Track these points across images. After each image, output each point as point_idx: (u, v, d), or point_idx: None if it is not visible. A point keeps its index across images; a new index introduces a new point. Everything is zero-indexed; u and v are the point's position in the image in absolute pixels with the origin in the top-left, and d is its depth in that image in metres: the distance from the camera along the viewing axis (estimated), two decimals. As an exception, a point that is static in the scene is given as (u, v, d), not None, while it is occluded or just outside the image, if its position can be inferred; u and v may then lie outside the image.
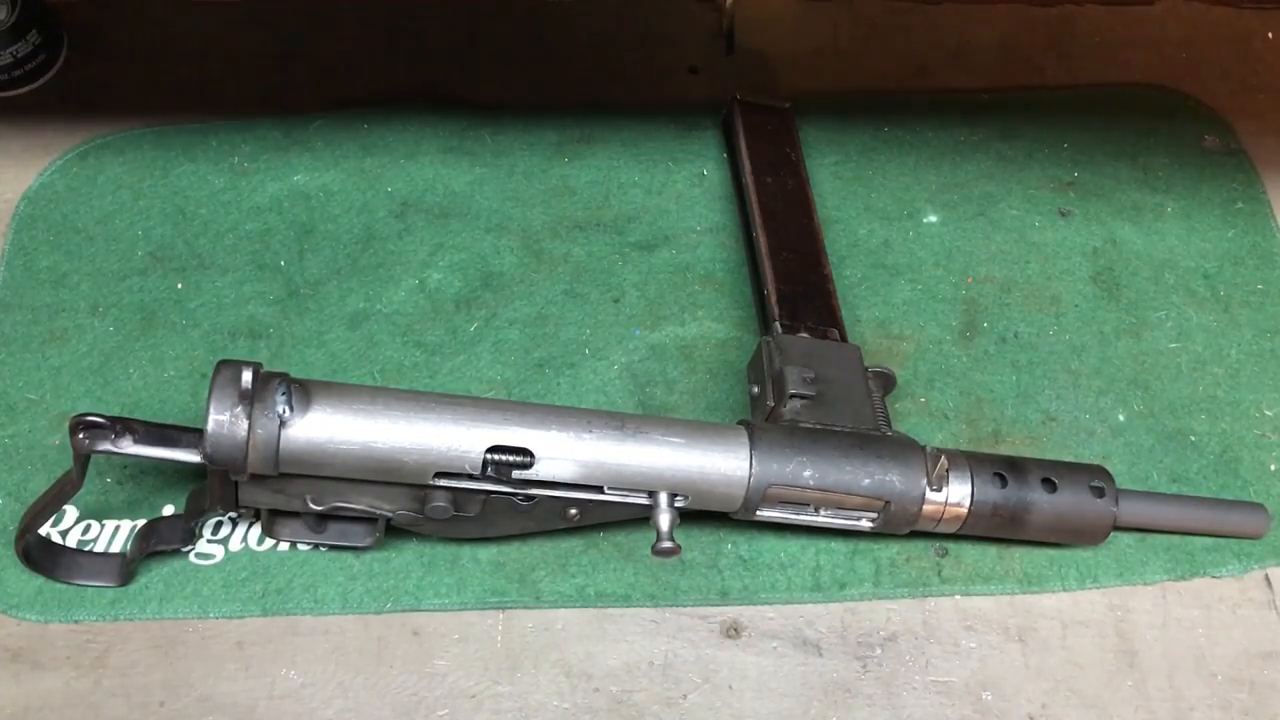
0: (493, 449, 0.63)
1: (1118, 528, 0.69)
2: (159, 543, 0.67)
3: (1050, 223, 0.85)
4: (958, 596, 0.70)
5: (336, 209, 0.84)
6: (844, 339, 0.73)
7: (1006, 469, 0.68)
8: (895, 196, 0.86)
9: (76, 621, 0.67)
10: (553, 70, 0.92)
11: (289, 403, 0.61)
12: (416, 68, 0.92)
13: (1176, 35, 0.93)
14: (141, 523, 0.69)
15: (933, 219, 0.85)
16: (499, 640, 0.68)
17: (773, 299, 0.74)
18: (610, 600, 0.69)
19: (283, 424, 0.60)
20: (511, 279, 0.81)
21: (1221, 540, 0.72)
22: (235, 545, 0.70)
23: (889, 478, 0.66)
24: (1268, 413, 0.77)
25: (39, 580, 0.68)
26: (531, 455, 0.63)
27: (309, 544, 0.69)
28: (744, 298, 0.80)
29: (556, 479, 0.64)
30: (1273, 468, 0.75)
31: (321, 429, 0.61)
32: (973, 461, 0.68)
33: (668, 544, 0.63)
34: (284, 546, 0.70)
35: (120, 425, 0.61)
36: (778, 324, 0.73)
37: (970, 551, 0.71)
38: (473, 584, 0.69)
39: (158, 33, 0.92)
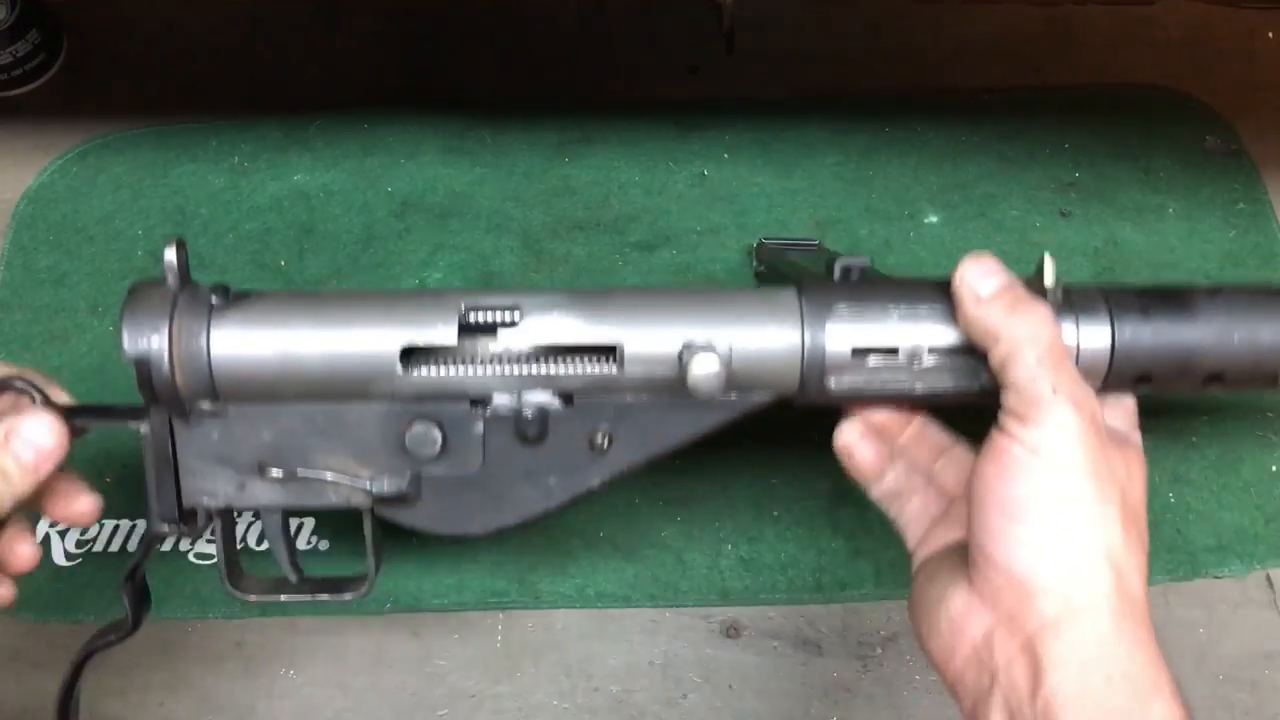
0: (470, 310, 0.51)
1: None
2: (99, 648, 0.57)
3: (1051, 223, 0.85)
4: (958, 597, 0.70)
5: (337, 209, 0.83)
6: None
7: (1146, 289, 0.53)
8: (896, 197, 0.86)
9: (76, 621, 0.67)
10: (553, 70, 0.92)
11: (223, 294, 0.51)
12: (416, 68, 0.92)
13: (1178, 35, 0.93)
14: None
15: (933, 219, 0.85)
16: (499, 640, 0.68)
17: None
18: (610, 600, 0.69)
19: (214, 313, 0.50)
20: (511, 279, 0.81)
21: (1223, 541, 0.72)
22: (237, 531, 0.70)
23: None
24: (1269, 414, 0.77)
25: (38, 580, 0.68)
26: (519, 312, 0.51)
27: (290, 599, 0.58)
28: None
29: (552, 342, 0.51)
30: (1274, 469, 0.75)
31: (262, 317, 0.50)
32: (1102, 288, 0.54)
33: (712, 363, 0.49)
34: (284, 546, 0.69)
35: (45, 401, 0.53)
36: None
37: (971, 552, 0.71)
38: (473, 584, 0.69)
39: (158, 32, 0.92)
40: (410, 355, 0.51)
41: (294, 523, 0.70)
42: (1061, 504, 0.45)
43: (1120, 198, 0.86)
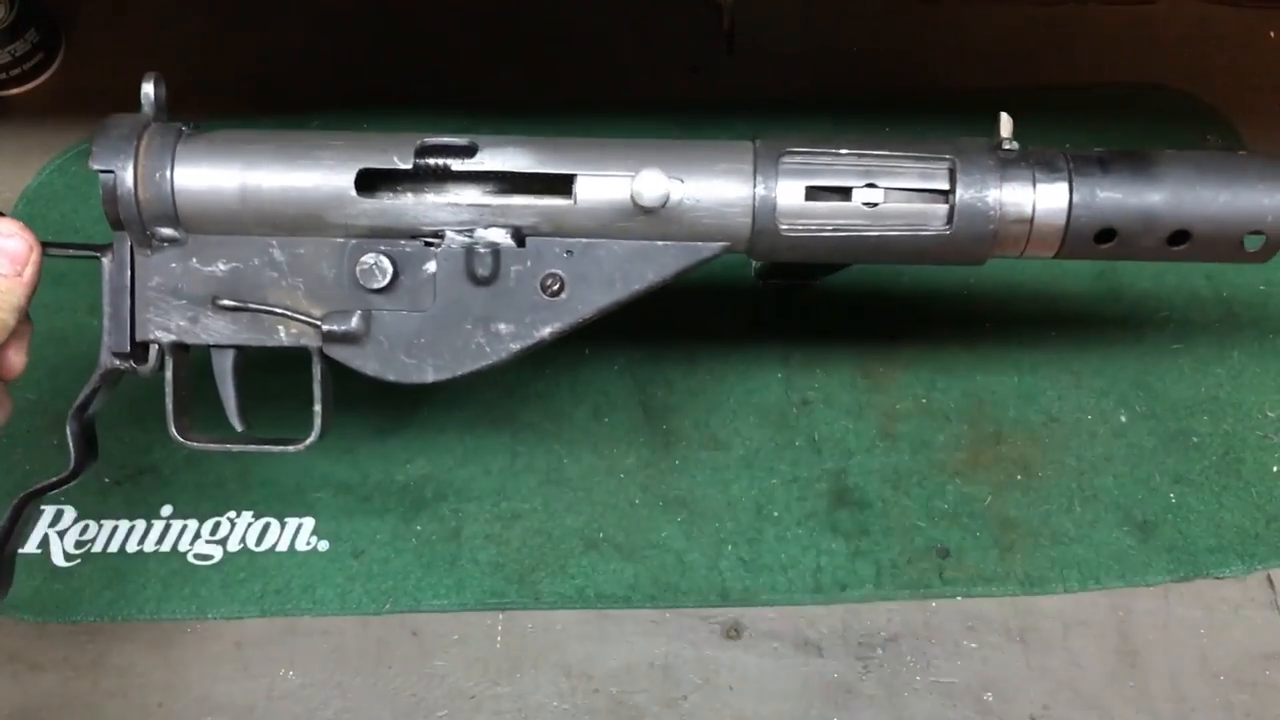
0: (425, 141, 0.52)
1: None
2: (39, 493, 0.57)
3: (1052, 222, 0.84)
4: (959, 598, 0.70)
5: (336, 208, 0.83)
6: None
7: (1107, 150, 0.53)
8: (896, 196, 0.85)
9: (74, 622, 0.67)
10: (553, 70, 0.92)
11: (192, 127, 0.53)
12: (416, 67, 0.92)
13: (1178, 34, 0.93)
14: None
15: (934, 219, 0.84)
16: (498, 641, 0.68)
17: None
18: (610, 601, 0.69)
19: (181, 138, 0.52)
20: (511, 279, 0.80)
21: (1224, 541, 0.72)
22: (234, 545, 0.70)
23: (945, 147, 0.52)
24: (1270, 414, 0.77)
25: (37, 580, 0.67)
26: (474, 145, 0.52)
27: (231, 448, 0.58)
28: (745, 298, 0.80)
29: (507, 168, 0.51)
30: (1275, 469, 0.75)
31: (227, 145, 0.52)
32: (1063, 149, 0.54)
33: (657, 173, 0.50)
34: (283, 546, 0.69)
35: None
36: None
37: (971, 553, 0.71)
38: (472, 585, 0.69)
39: (156, 31, 0.92)
40: (366, 184, 0.51)
41: (293, 524, 0.70)
42: None
43: (1121, 197, 0.86)
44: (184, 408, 0.57)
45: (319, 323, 0.53)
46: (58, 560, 0.69)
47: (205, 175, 0.52)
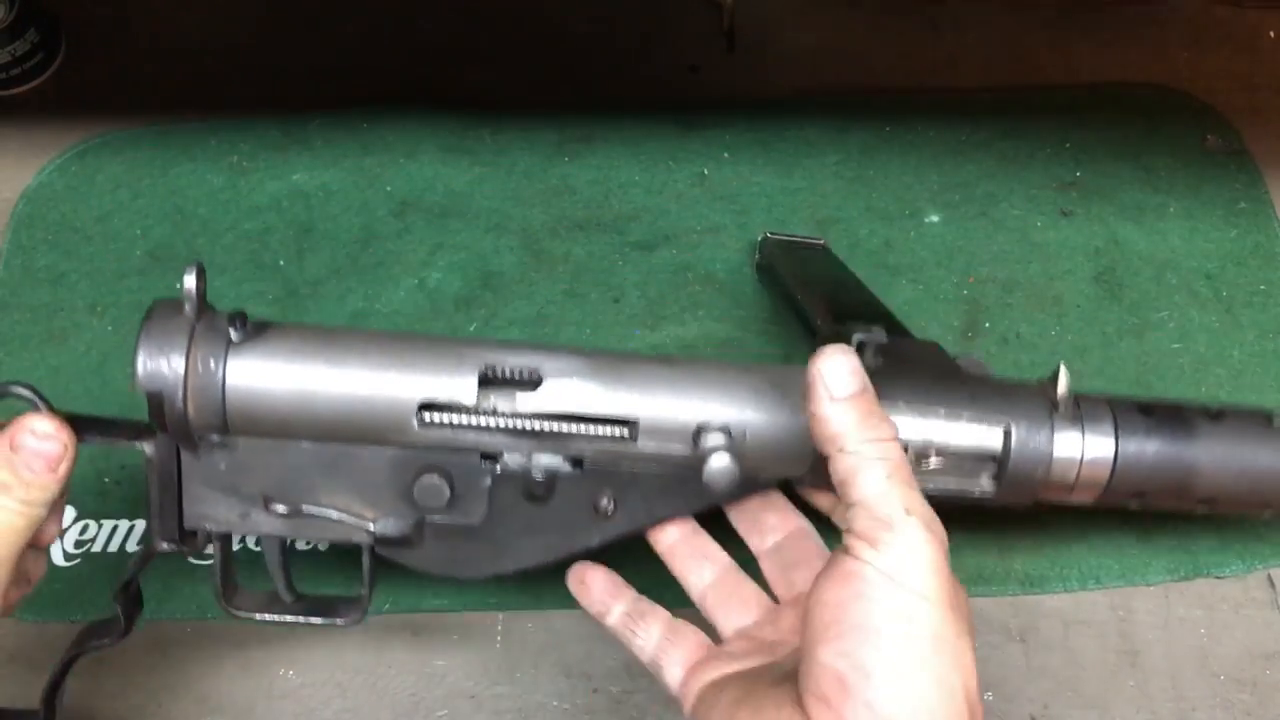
0: (491, 369, 0.51)
1: None
2: (90, 642, 0.57)
3: (1052, 222, 0.85)
4: (959, 597, 0.70)
5: (336, 208, 0.83)
6: None
7: (1149, 401, 0.54)
8: (897, 196, 0.86)
9: (74, 621, 0.67)
10: (553, 70, 0.92)
11: (241, 326, 0.50)
12: (416, 67, 0.92)
13: (1179, 34, 0.93)
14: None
15: (934, 219, 0.85)
16: (498, 641, 0.68)
17: (831, 316, 0.63)
18: (610, 601, 0.69)
19: (231, 348, 0.49)
20: (511, 278, 0.80)
21: (1225, 540, 0.72)
22: (234, 545, 0.70)
23: (1001, 401, 0.52)
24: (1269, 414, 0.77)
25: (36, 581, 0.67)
26: (539, 375, 0.51)
27: (280, 619, 0.59)
28: (744, 298, 0.80)
29: (571, 410, 0.51)
30: (1275, 468, 0.75)
31: (281, 355, 0.50)
32: (1108, 398, 0.54)
33: (726, 460, 0.48)
34: (283, 547, 0.69)
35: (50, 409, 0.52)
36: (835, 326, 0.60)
37: (970, 553, 0.71)
38: (472, 585, 0.69)
39: (156, 31, 0.92)
40: (427, 408, 0.51)
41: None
42: (919, 637, 0.42)
43: (1121, 197, 0.86)
44: (231, 583, 0.57)
45: (370, 525, 0.53)
46: (57, 560, 0.69)
47: (258, 393, 0.50)
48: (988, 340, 0.79)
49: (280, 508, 0.52)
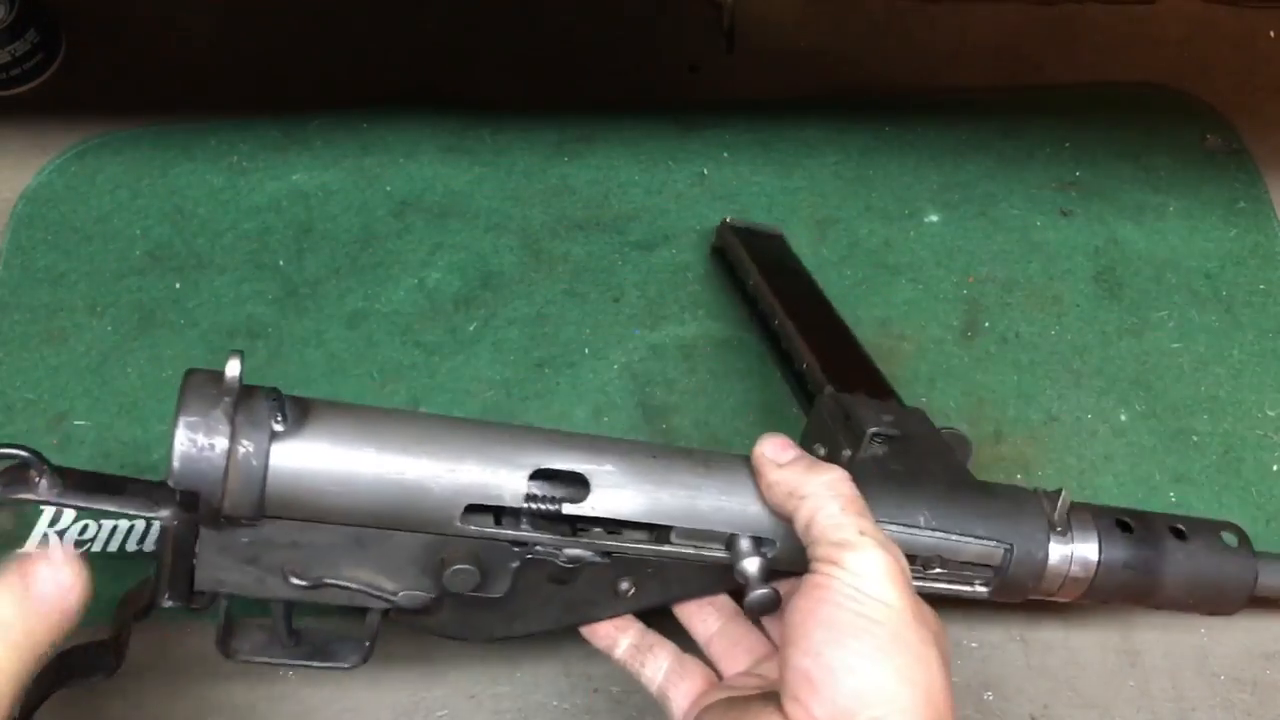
0: (539, 474, 0.51)
1: (1255, 597, 0.61)
2: (75, 674, 0.54)
3: (1052, 222, 0.85)
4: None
5: (335, 208, 0.83)
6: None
7: (1128, 516, 0.59)
8: (896, 196, 0.86)
9: (74, 622, 0.67)
10: (553, 70, 0.92)
11: (282, 412, 0.47)
12: (416, 67, 0.92)
13: (1178, 34, 0.93)
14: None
15: (934, 218, 0.85)
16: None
17: (816, 368, 0.65)
18: (610, 601, 0.69)
19: (274, 438, 0.47)
20: (511, 278, 0.80)
21: (1224, 540, 0.72)
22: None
23: (1005, 519, 0.55)
24: (1270, 413, 0.77)
25: (36, 580, 0.67)
26: (586, 483, 0.51)
27: (281, 663, 0.57)
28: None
29: (614, 515, 0.52)
30: (1275, 468, 0.75)
31: (324, 447, 0.48)
32: (1092, 509, 0.59)
33: (764, 590, 0.51)
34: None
35: (52, 471, 0.49)
36: (830, 387, 0.62)
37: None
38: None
39: (156, 31, 0.92)
40: (473, 510, 0.51)
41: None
42: (880, 635, 0.45)
43: (1121, 197, 0.86)
44: (232, 629, 0.56)
45: (392, 598, 0.52)
46: (57, 560, 0.69)
47: (299, 486, 0.48)
48: (987, 340, 0.79)
49: (300, 582, 0.51)
